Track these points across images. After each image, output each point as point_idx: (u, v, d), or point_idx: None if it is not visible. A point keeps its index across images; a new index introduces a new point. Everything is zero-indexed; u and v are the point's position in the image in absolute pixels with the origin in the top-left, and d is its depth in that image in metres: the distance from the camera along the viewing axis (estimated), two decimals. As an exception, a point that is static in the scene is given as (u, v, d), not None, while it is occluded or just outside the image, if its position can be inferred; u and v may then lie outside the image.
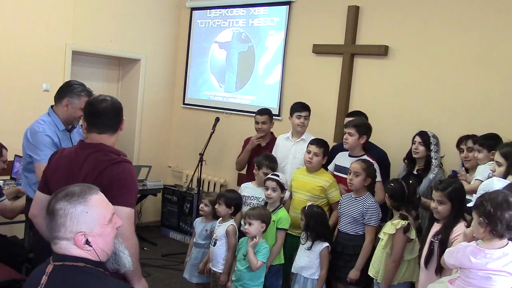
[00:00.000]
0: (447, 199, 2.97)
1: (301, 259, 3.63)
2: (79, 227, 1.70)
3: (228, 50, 6.14)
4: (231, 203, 3.74)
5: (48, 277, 1.68)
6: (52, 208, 1.72)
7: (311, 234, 3.59)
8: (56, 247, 1.73)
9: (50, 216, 1.72)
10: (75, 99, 3.33)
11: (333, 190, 3.94)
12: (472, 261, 2.27)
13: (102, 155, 2.30)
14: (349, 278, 3.56)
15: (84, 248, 1.71)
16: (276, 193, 3.75)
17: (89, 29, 5.67)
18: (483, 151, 3.46)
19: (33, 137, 3.25)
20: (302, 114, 4.44)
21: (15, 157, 4.76)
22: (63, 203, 1.71)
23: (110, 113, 2.41)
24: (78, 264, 1.69)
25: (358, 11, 4.89)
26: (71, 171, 2.32)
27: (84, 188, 1.77)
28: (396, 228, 3.26)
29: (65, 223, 1.69)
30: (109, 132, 2.40)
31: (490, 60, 4.13)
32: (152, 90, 6.44)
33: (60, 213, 1.70)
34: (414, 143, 3.95)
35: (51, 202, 1.75)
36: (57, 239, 1.71)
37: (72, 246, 1.70)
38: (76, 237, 1.69)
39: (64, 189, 1.77)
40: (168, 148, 6.80)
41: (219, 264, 3.72)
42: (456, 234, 2.95)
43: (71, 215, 1.70)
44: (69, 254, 1.71)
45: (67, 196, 1.72)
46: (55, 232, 1.71)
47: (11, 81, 5.10)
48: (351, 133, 3.95)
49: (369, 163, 3.70)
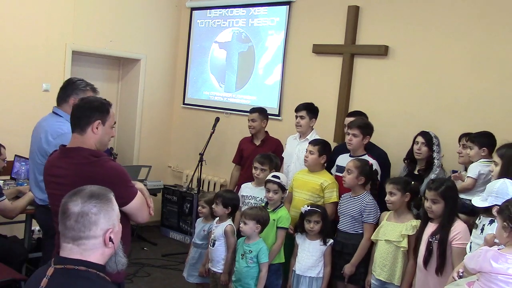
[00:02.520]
0: (441, 198, 3.02)
1: (306, 259, 3.64)
2: (109, 223, 1.73)
3: (228, 50, 6.14)
4: (228, 203, 3.75)
5: (48, 280, 1.67)
6: (80, 210, 1.69)
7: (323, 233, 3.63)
8: (79, 248, 1.69)
9: (78, 217, 1.68)
10: (81, 95, 3.22)
11: (330, 190, 3.92)
12: (493, 266, 2.26)
13: (82, 159, 2.29)
14: (345, 274, 3.59)
15: (108, 246, 1.72)
16: (278, 195, 3.77)
17: (89, 29, 5.67)
18: (474, 148, 3.51)
19: (60, 139, 3.03)
20: (297, 114, 4.45)
21: (15, 157, 4.76)
22: (93, 202, 1.70)
23: (78, 111, 2.37)
24: (79, 268, 1.67)
25: (358, 11, 4.89)
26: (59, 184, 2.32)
27: (101, 188, 1.78)
28: (416, 229, 3.26)
29: (98, 220, 1.70)
30: (77, 131, 2.36)
31: (490, 60, 4.13)
32: (152, 90, 6.44)
33: (93, 210, 1.69)
34: (416, 144, 3.94)
35: (75, 204, 1.70)
36: (84, 239, 1.69)
37: (99, 245, 1.71)
38: (106, 234, 1.71)
39: (82, 190, 1.74)
40: (168, 148, 6.80)
41: (219, 264, 3.72)
42: (455, 233, 2.97)
43: (105, 212, 1.71)
44: (70, 257, 1.69)
45: (93, 197, 1.72)
46: (84, 231, 1.68)
47: (11, 81, 5.10)
48: (355, 134, 3.95)
49: (364, 162, 3.71)
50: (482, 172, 3.41)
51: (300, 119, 4.44)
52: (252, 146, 4.88)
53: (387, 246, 3.37)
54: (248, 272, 3.52)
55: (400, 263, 3.32)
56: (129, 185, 2.37)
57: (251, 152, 4.69)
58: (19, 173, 4.66)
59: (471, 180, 3.43)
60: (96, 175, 2.26)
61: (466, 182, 3.45)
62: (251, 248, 3.52)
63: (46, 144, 3.18)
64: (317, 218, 3.63)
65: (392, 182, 3.43)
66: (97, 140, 2.38)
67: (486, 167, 3.41)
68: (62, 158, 2.36)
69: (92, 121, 2.35)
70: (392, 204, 3.40)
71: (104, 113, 2.39)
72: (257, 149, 4.70)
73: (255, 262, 3.51)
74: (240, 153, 5.06)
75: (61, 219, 1.71)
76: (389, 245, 3.36)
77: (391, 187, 3.40)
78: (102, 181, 2.26)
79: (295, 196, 4.04)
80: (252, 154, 4.49)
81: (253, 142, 4.94)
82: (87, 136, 2.36)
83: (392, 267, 3.34)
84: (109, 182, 2.28)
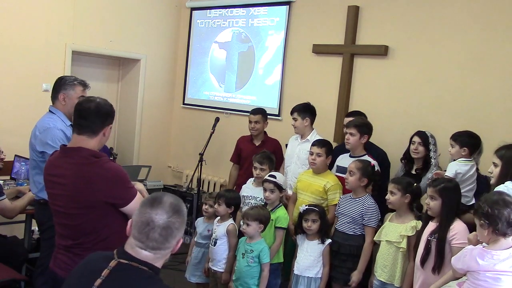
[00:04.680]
0: (438, 195, 3.04)
1: (304, 259, 3.63)
2: (182, 234, 1.79)
3: (228, 50, 6.14)
4: (231, 202, 3.76)
5: (110, 272, 1.69)
6: (166, 224, 1.72)
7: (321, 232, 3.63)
8: (154, 256, 1.74)
9: (162, 231, 1.71)
10: (69, 90, 3.36)
11: (333, 192, 3.87)
12: (479, 263, 2.28)
13: (82, 159, 2.30)
14: (353, 282, 3.53)
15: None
16: (274, 194, 3.75)
17: (89, 29, 5.67)
18: (455, 146, 3.51)
19: (45, 134, 3.22)
20: (292, 116, 4.46)
21: (15, 157, 4.76)
22: (176, 216, 1.74)
23: (92, 114, 2.37)
24: (142, 268, 1.71)
25: (358, 11, 4.89)
26: (59, 184, 2.34)
27: (177, 199, 1.81)
28: (416, 230, 3.25)
29: (178, 234, 1.76)
30: (88, 134, 2.36)
31: (490, 60, 4.13)
32: (152, 90, 6.44)
33: (176, 225, 1.74)
34: (413, 144, 3.95)
35: (159, 217, 1.72)
36: (163, 249, 1.74)
37: (169, 254, 1.78)
38: (177, 244, 1.78)
39: (163, 202, 1.75)
40: (168, 148, 6.80)
41: (220, 264, 3.72)
42: (454, 232, 2.97)
43: (183, 226, 1.78)
44: (137, 256, 1.72)
45: (176, 212, 1.75)
46: (163, 244, 1.73)
47: (11, 81, 5.10)
48: (352, 133, 3.95)
49: (366, 163, 3.69)
50: (459, 171, 3.40)
51: (294, 121, 4.45)
52: (251, 146, 4.87)
53: (388, 247, 3.37)
54: (248, 272, 3.51)
55: (400, 264, 3.31)
56: (128, 186, 2.37)
57: (251, 152, 4.68)
58: (19, 173, 4.66)
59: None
60: (96, 176, 2.26)
61: None
62: (252, 248, 3.52)
63: (33, 138, 3.30)
64: (314, 217, 3.62)
65: (394, 182, 3.43)
66: (102, 142, 2.42)
67: (464, 166, 3.42)
68: (63, 158, 2.37)
69: (106, 125, 2.40)
70: (391, 204, 3.40)
71: (113, 117, 2.46)
72: (256, 150, 4.68)
73: (255, 261, 3.51)
74: (238, 152, 5.06)
75: (143, 229, 1.71)
76: (389, 246, 3.36)
77: (392, 186, 3.39)
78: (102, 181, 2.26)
79: (299, 198, 4.02)
80: (251, 154, 4.48)
81: (252, 142, 4.93)
82: (96, 139, 2.38)
83: (392, 268, 3.33)
84: (109, 183, 2.29)
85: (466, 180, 3.42)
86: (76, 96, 3.28)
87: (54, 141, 3.16)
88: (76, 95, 3.31)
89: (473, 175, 3.44)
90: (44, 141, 3.20)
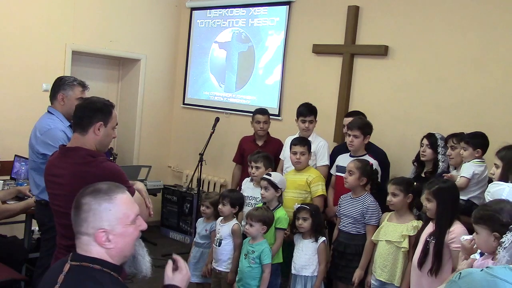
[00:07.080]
0: (432, 197, 3.03)
1: (300, 258, 3.63)
2: (101, 224, 1.69)
3: (228, 50, 6.14)
4: (235, 202, 3.77)
5: (65, 277, 1.67)
6: (78, 202, 1.72)
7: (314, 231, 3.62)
8: (78, 242, 1.72)
9: (76, 210, 1.72)
10: (68, 90, 3.35)
11: (315, 184, 3.96)
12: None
13: (79, 159, 2.29)
14: (356, 279, 3.53)
15: (104, 246, 1.69)
16: (269, 192, 3.73)
17: (89, 29, 5.67)
18: (468, 149, 3.50)
19: (46, 135, 3.21)
20: (306, 119, 4.38)
21: (15, 157, 4.75)
22: (88, 198, 1.71)
23: (81, 111, 2.37)
24: (94, 267, 1.67)
25: (358, 11, 4.89)
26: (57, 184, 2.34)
27: (111, 186, 1.78)
28: (418, 229, 3.25)
29: (88, 218, 1.69)
30: (78, 130, 2.36)
31: (490, 60, 4.13)
32: (152, 90, 6.44)
33: (84, 207, 1.69)
34: (422, 146, 3.94)
35: (78, 196, 1.74)
36: (80, 233, 1.71)
37: (92, 243, 1.69)
38: (96, 233, 1.68)
39: (93, 185, 1.77)
40: (168, 148, 6.80)
41: (225, 264, 3.73)
42: (453, 235, 2.94)
43: (95, 211, 1.69)
44: (88, 255, 1.69)
45: (93, 192, 1.72)
46: (78, 226, 1.71)
47: (11, 81, 5.10)
48: (356, 136, 3.94)
49: (365, 163, 3.70)
50: (476, 172, 3.42)
51: (309, 124, 4.38)
52: (254, 147, 4.83)
53: (387, 247, 3.36)
54: (250, 272, 3.52)
55: (400, 263, 3.31)
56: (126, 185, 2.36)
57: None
58: (19, 173, 4.66)
59: (465, 179, 3.42)
60: (92, 175, 2.25)
61: (460, 181, 3.42)
62: (254, 249, 3.53)
63: (34, 139, 3.29)
64: (305, 215, 3.62)
65: (395, 183, 3.40)
66: (97, 141, 2.38)
67: (480, 167, 3.44)
68: (62, 158, 2.37)
69: (94, 122, 2.35)
70: (394, 205, 3.39)
71: (106, 115, 2.39)
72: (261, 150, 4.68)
73: (257, 262, 3.51)
74: (241, 152, 5.04)
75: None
76: (389, 245, 3.35)
77: (393, 188, 3.37)
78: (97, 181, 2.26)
79: (285, 196, 4.00)
80: None
81: (255, 143, 4.91)
82: (88, 136, 2.36)
83: (392, 267, 3.33)
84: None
85: (482, 181, 3.43)
86: (75, 97, 3.27)
87: (55, 142, 3.15)
88: (75, 95, 3.31)
89: (487, 176, 3.45)
90: (46, 143, 3.19)
